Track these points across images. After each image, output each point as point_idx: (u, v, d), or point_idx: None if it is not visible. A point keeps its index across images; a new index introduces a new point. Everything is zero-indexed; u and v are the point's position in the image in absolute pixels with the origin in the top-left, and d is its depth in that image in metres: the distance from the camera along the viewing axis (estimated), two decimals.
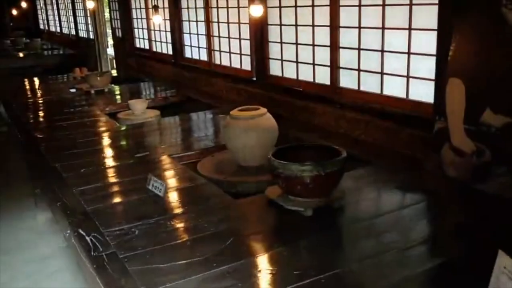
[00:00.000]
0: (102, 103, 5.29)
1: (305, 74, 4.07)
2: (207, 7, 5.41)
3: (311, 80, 3.99)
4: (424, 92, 3.06)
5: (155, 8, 6.06)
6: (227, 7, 5.04)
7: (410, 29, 3.08)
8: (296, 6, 4.01)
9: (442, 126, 2.72)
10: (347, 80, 3.67)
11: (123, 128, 4.18)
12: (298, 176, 2.25)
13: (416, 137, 3.04)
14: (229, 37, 5.11)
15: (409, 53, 3.12)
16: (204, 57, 5.73)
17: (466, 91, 2.60)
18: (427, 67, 3.03)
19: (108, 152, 3.54)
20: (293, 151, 2.51)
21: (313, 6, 3.82)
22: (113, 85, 6.15)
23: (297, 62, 4.14)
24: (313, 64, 3.94)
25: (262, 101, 4.48)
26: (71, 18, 12.15)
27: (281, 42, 4.29)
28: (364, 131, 3.44)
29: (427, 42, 2.98)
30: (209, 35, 5.49)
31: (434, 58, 2.91)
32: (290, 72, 4.25)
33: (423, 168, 2.82)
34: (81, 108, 5.06)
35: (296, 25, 4.06)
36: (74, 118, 4.58)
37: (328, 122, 3.75)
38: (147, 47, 7.48)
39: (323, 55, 3.82)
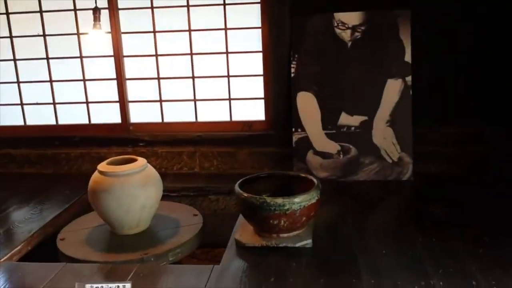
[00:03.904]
0: None
1: (70, 116, 3.33)
2: None
3: (85, 121, 3.31)
4: (250, 111, 3.21)
5: None
6: None
7: (227, 53, 3.13)
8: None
9: (302, 136, 2.98)
10: (142, 114, 3.29)
11: None
12: (305, 207, 2.06)
13: (259, 154, 3.16)
14: None
15: (228, 76, 3.16)
16: None
17: (318, 102, 2.97)
18: (247, 88, 3.18)
19: None
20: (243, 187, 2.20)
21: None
22: None
23: (54, 103, 3.31)
24: (87, 102, 3.28)
25: None
26: None
27: (17, 82, 3.30)
28: (188, 163, 3.22)
29: (245, 64, 3.14)
30: None
31: (258, 78, 3.14)
32: (37, 117, 3.35)
33: None
34: None
35: (47, 58, 3.24)
36: None
37: None
38: None
39: (99, 90, 3.26)
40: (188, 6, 3.06)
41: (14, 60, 3.28)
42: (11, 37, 3.24)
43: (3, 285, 1.94)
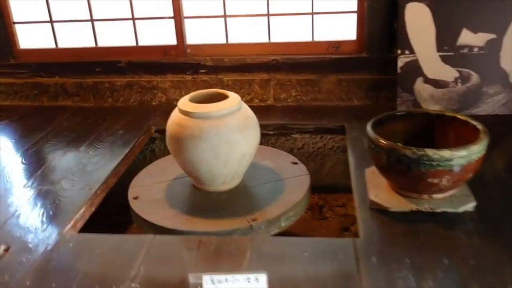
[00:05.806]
0: None
1: (112, 37, 2.72)
2: None
3: (132, 43, 2.69)
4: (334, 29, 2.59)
5: None
6: None
7: None
8: None
9: (409, 60, 2.39)
10: (202, 34, 2.68)
11: None
12: (474, 161, 1.52)
13: (349, 82, 2.58)
14: None
15: None
16: None
17: (433, 15, 2.34)
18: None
19: None
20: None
21: None
22: None
23: (92, 20, 2.67)
24: (133, 18, 2.64)
25: (16, 93, 2.82)
26: None
27: None
28: (260, 94, 2.65)
29: None
30: None
31: None
32: (72, 38, 2.74)
33: None
34: None
35: None
36: None
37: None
38: None
39: (148, 4, 2.62)
40: None
41: None
42: None
43: (78, 265, 1.45)
